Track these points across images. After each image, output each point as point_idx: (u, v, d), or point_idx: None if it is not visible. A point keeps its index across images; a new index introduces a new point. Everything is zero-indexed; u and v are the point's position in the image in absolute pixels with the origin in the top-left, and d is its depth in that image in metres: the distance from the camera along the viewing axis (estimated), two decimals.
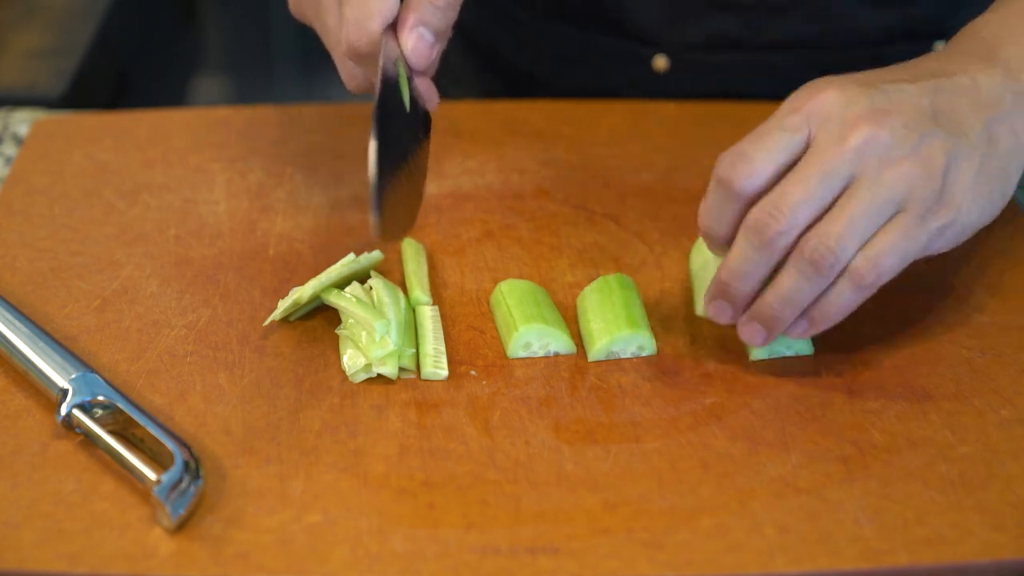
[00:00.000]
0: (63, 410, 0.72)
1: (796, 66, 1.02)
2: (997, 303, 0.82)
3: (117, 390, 0.73)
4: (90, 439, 0.72)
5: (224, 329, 0.80)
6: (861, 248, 0.72)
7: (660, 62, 1.06)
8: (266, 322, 0.80)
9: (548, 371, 0.77)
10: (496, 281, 0.83)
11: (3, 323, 0.77)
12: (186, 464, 0.68)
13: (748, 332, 0.75)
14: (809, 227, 0.72)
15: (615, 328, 0.78)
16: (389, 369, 0.76)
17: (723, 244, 0.75)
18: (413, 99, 0.79)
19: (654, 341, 0.78)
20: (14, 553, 0.66)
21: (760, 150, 0.73)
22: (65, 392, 0.73)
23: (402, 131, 0.77)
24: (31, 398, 0.75)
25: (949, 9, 1.02)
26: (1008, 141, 0.74)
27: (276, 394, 0.76)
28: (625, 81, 1.07)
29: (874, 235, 0.72)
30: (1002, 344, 0.79)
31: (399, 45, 0.79)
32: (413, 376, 0.77)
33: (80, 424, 0.72)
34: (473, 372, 0.77)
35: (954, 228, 0.73)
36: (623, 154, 0.97)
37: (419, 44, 0.79)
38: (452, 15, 0.80)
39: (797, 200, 0.71)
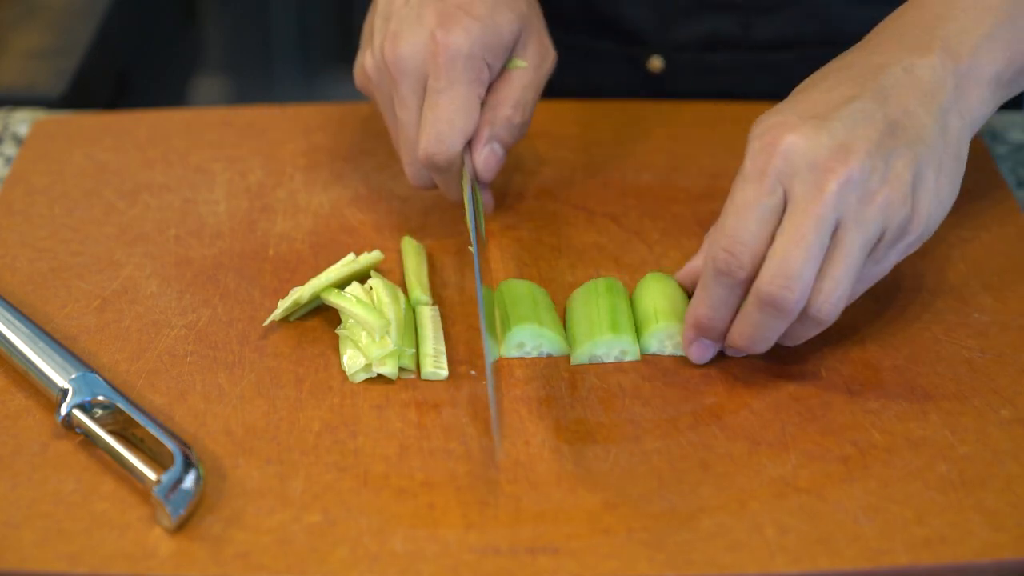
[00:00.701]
0: (63, 410, 0.72)
1: (792, 65, 1.02)
2: (997, 303, 0.82)
3: (117, 390, 0.73)
4: (90, 439, 0.72)
5: (224, 329, 0.80)
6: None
7: (655, 63, 1.06)
8: (266, 322, 0.80)
9: (548, 371, 0.77)
10: (496, 281, 0.83)
11: (3, 323, 0.77)
12: (186, 464, 0.68)
13: (701, 349, 0.77)
14: None
15: (597, 332, 0.78)
16: (389, 369, 0.76)
17: (719, 336, 0.76)
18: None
19: (637, 347, 0.78)
20: (14, 553, 0.66)
21: (748, 227, 0.72)
22: (65, 392, 0.73)
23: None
24: (31, 398, 0.75)
25: None
26: (956, 125, 0.74)
27: (276, 394, 0.76)
28: (622, 83, 1.07)
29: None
30: (1002, 344, 0.79)
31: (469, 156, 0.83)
32: (413, 376, 0.77)
33: (80, 424, 0.72)
34: (473, 372, 0.77)
35: (923, 237, 0.74)
36: (623, 154, 0.97)
37: (490, 159, 0.83)
38: (523, 132, 0.84)
39: (801, 264, 0.71)
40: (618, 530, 0.67)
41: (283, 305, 0.80)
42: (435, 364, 0.77)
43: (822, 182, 0.71)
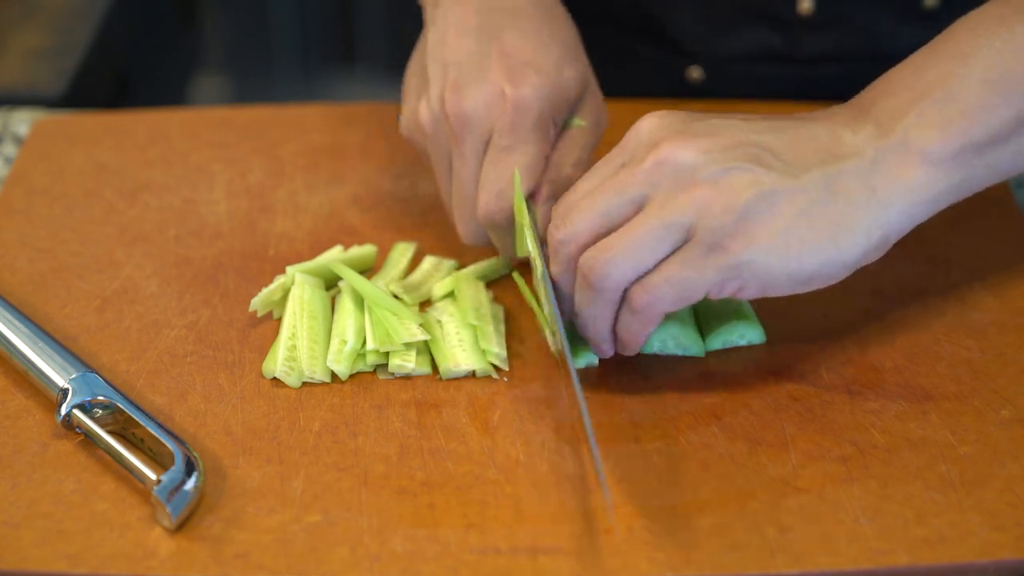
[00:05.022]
0: (63, 410, 0.72)
1: (833, 80, 1.02)
2: (997, 303, 0.82)
3: (117, 390, 0.73)
4: (90, 439, 0.72)
5: (224, 329, 0.80)
6: (642, 276, 0.70)
7: (694, 73, 1.05)
8: (250, 308, 0.80)
9: (548, 371, 0.77)
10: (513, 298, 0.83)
11: (3, 323, 0.77)
12: (186, 464, 0.68)
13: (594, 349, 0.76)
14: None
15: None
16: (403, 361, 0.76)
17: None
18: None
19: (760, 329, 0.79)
20: (14, 553, 0.66)
21: (582, 191, 0.73)
22: (65, 392, 0.73)
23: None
24: (31, 398, 0.75)
25: None
26: (860, 195, 0.70)
27: (276, 394, 0.76)
28: (660, 91, 1.06)
29: (658, 264, 0.70)
30: (1002, 344, 0.79)
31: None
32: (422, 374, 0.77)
33: (80, 424, 0.72)
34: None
35: (751, 270, 0.69)
36: None
37: (547, 217, 0.78)
38: None
39: (581, 215, 0.71)
40: (618, 530, 0.67)
41: (265, 291, 0.80)
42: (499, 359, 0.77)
43: (645, 154, 0.70)
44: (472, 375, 0.77)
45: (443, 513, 0.68)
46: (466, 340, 0.78)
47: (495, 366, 0.77)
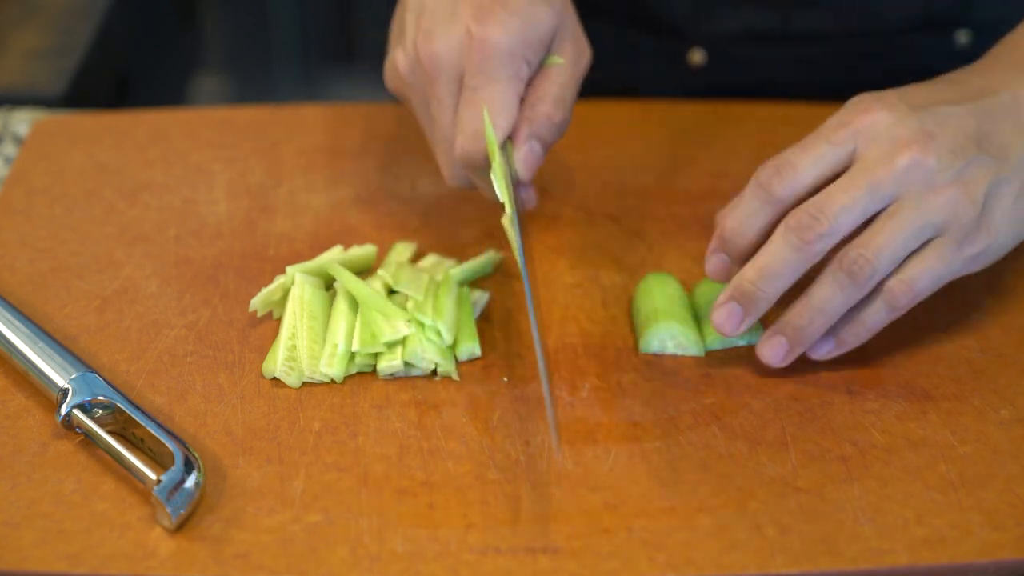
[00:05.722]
0: (63, 410, 0.72)
1: (827, 58, 1.02)
2: (997, 303, 0.82)
3: (117, 390, 0.73)
4: (90, 439, 0.72)
5: (224, 329, 0.80)
6: (897, 270, 0.73)
7: (696, 56, 1.05)
8: (250, 308, 0.80)
9: (548, 371, 0.77)
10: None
11: (3, 323, 0.77)
12: (186, 464, 0.68)
13: (771, 346, 0.75)
14: (848, 239, 0.73)
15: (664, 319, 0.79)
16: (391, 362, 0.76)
17: (740, 254, 0.76)
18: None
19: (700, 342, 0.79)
20: (14, 553, 0.66)
21: (804, 159, 0.73)
22: (65, 392, 0.73)
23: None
24: (31, 398, 0.75)
25: None
26: None
27: (276, 394, 0.76)
28: (662, 78, 1.07)
29: (910, 258, 0.73)
30: (1002, 344, 0.79)
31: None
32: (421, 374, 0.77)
33: (80, 424, 0.72)
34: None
35: (988, 254, 0.74)
36: (623, 154, 0.97)
37: (529, 157, 0.80)
38: (563, 131, 0.81)
39: (842, 207, 0.72)
40: (618, 530, 0.67)
41: (265, 291, 0.80)
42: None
43: (895, 154, 0.72)
44: (433, 374, 0.77)
45: (443, 513, 0.68)
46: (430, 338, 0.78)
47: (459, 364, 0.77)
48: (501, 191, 0.77)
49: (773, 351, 0.75)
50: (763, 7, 1.03)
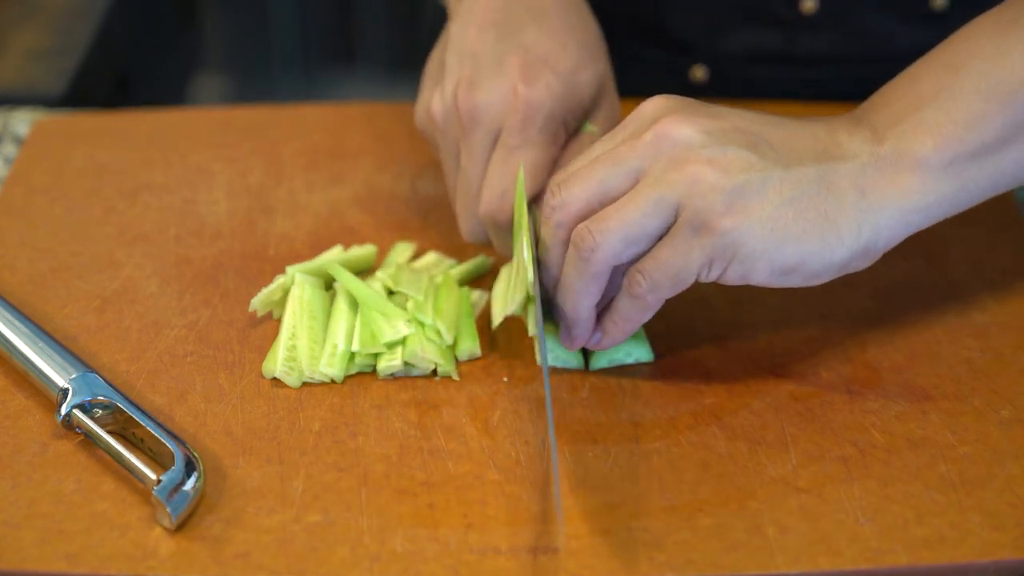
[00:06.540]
0: (63, 410, 0.72)
1: (835, 80, 1.02)
2: (997, 303, 0.82)
3: (117, 390, 0.73)
4: (90, 439, 0.72)
5: (224, 329, 0.80)
6: (637, 261, 0.70)
7: (698, 72, 1.05)
8: (250, 308, 0.80)
9: (548, 371, 0.77)
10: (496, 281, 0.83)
11: (3, 323, 0.77)
12: (186, 464, 0.68)
13: (563, 336, 0.75)
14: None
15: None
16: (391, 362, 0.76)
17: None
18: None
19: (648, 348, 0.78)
20: (14, 553, 0.66)
21: (581, 162, 0.73)
22: (65, 392, 0.73)
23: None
24: (31, 398, 0.75)
25: None
26: (850, 195, 0.69)
27: (276, 394, 0.76)
28: (665, 91, 1.06)
29: (652, 248, 0.70)
30: (1002, 344, 0.79)
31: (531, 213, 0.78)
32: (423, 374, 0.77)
33: (80, 424, 0.72)
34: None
35: (734, 251, 0.68)
36: None
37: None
38: None
39: (577, 184, 0.71)
40: (618, 530, 0.67)
41: (265, 291, 0.79)
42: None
43: (646, 129, 0.70)
44: (433, 374, 0.77)
45: (443, 513, 0.68)
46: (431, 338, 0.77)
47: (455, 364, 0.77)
48: (527, 254, 0.75)
49: (565, 339, 0.75)
50: (766, 28, 1.02)
